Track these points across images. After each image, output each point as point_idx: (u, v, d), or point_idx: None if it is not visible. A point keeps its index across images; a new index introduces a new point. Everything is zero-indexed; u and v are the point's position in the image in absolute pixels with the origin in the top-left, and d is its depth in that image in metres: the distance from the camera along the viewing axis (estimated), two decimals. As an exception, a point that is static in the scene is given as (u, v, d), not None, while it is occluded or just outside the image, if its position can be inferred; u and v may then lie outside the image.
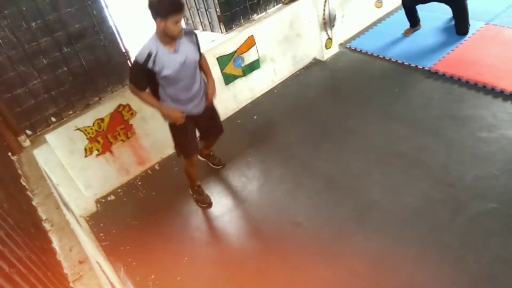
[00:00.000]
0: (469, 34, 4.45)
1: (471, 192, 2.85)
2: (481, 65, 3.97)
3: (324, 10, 4.33)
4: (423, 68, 4.15)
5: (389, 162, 3.25)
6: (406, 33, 4.72)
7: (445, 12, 4.76)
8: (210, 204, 3.27)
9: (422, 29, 4.75)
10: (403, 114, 3.67)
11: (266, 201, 3.23)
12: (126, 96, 3.38)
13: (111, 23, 3.22)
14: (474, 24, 4.54)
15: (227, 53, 3.90)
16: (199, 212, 3.26)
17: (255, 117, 4.13)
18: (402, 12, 5.15)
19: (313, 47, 4.66)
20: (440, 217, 2.74)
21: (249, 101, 4.33)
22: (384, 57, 4.47)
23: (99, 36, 3.18)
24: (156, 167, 3.79)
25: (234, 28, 4.00)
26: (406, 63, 4.28)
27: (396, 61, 4.36)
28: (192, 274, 2.80)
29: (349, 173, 3.25)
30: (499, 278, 2.34)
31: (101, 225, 3.34)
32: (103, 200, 3.56)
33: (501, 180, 2.88)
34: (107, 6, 3.15)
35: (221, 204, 3.27)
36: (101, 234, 3.25)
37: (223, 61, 3.90)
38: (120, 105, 3.37)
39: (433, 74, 4.06)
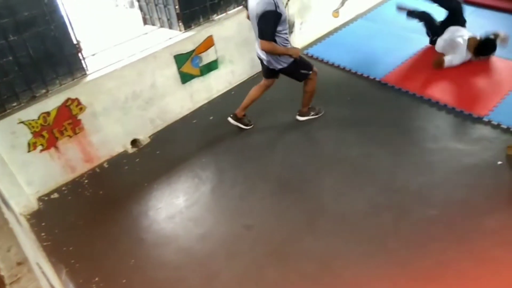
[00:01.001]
0: (418, 49, 4.70)
1: (414, 199, 3.00)
2: (427, 79, 4.21)
3: (283, 15, 4.39)
4: (374, 79, 4.33)
5: (339, 167, 3.35)
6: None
7: (402, 26, 5.01)
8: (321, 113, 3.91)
9: (375, 42, 4.94)
10: (353, 122, 3.81)
11: (218, 203, 3.22)
12: (75, 90, 3.24)
13: (63, 13, 3.06)
14: (423, 40, 4.80)
15: (184, 51, 3.85)
16: (149, 213, 3.18)
17: (211, 117, 4.10)
18: (357, 23, 5.36)
19: (271, 51, 4.71)
20: (385, 221, 2.87)
21: (206, 101, 4.30)
22: (339, 66, 4.61)
23: (49, 26, 3.01)
24: (105, 165, 3.65)
25: (193, 27, 3.95)
26: (359, 73, 4.45)
27: (350, 70, 4.52)
28: (139, 276, 2.72)
29: (301, 177, 3.32)
30: (439, 281, 2.49)
31: (43, 224, 3.16)
32: (46, 198, 3.38)
33: (442, 189, 3.07)
34: (59, -5, 3.00)
35: (172, 205, 3.21)
36: (43, 234, 3.08)
37: (180, 59, 3.84)
38: (68, 99, 3.22)
39: (383, 85, 4.24)
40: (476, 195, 2.99)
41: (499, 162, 3.24)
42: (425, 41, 4.79)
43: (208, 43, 4.00)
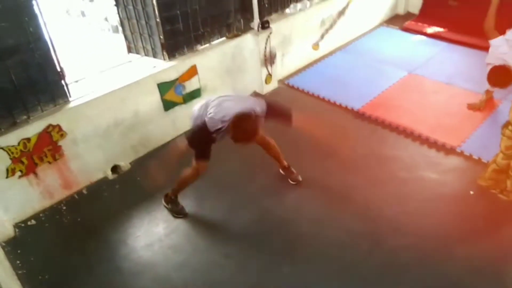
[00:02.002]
0: (394, 81, 4.89)
1: (389, 227, 3.08)
2: (402, 110, 4.37)
3: (265, 47, 4.54)
4: (352, 109, 4.47)
5: (319, 196, 3.42)
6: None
7: (379, 59, 5.23)
8: (186, 215, 3.33)
9: (354, 73, 5.12)
10: (333, 151, 3.90)
11: (197, 231, 3.23)
12: (57, 116, 3.25)
13: (47, 40, 3.11)
14: (399, 73, 5.01)
15: (168, 80, 3.92)
16: (128, 241, 3.16)
17: (193, 145, 4.13)
18: (336, 55, 5.55)
19: (254, 81, 4.83)
20: (360, 250, 2.92)
21: (188, 127, 4.32)
22: (318, 96, 4.75)
23: (33, 53, 3.05)
24: (84, 191, 3.63)
25: (177, 56, 4.04)
26: (338, 103, 4.59)
27: (329, 100, 4.66)
28: (115, 306, 2.69)
29: (281, 205, 3.37)
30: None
31: (19, 251, 3.10)
32: (23, 225, 3.32)
33: (416, 218, 3.16)
34: (45, 24, 3.05)
35: (151, 233, 3.20)
36: (18, 262, 3.02)
37: (164, 87, 3.91)
38: (49, 125, 3.23)
39: (360, 115, 4.38)
40: (448, 224, 3.09)
41: (471, 192, 3.36)
42: (400, 73, 5.00)
43: (192, 72, 4.09)
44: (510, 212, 3.17)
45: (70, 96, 3.40)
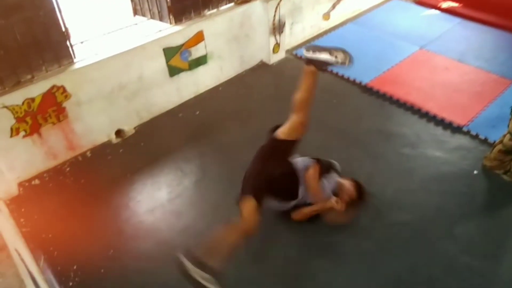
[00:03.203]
0: (405, 56, 4.79)
1: (390, 203, 3.09)
2: (411, 86, 4.30)
3: (274, 15, 4.42)
4: (360, 83, 4.41)
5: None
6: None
7: (391, 33, 5.10)
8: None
9: (363, 47, 5.01)
10: (337, 125, 3.87)
11: (201, 197, 3.25)
12: (61, 77, 3.22)
13: (53, -1, 3.04)
14: (410, 48, 4.90)
15: (174, 45, 3.85)
16: (130, 204, 3.19)
17: (197, 112, 4.12)
18: (347, 27, 5.42)
19: (261, 50, 4.74)
20: (361, 224, 2.94)
21: (193, 95, 4.31)
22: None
23: (38, 12, 2.98)
24: (88, 154, 3.64)
25: (183, 20, 3.95)
26: (346, 77, 4.52)
27: (337, 73, 4.58)
28: (117, 267, 2.74)
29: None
30: (409, 284, 2.58)
31: (23, 210, 3.15)
32: (27, 184, 3.36)
33: (418, 195, 3.17)
34: (50, -20, 2.97)
35: (154, 198, 3.23)
36: (22, 220, 3.07)
37: (169, 52, 3.84)
38: (54, 86, 3.20)
39: (368, 90, 4.32)
40: (449, 203, 3.10)
41: (475, 172, 3.35)
42: (411, 48, 4.89)
43: (198, 38, 4.01)
44: (512, 193, 3.18)
45: (75, 57, 3.36)
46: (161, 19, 3.94)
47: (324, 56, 2.54)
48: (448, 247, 2.78)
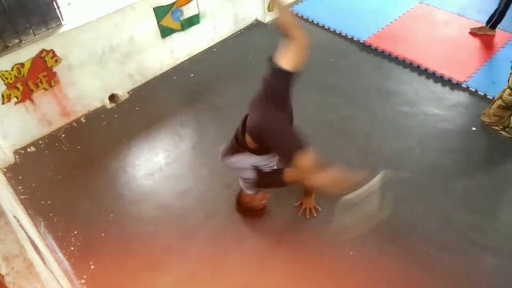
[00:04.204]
0: (404, 11, 4.65)
1: (388, 161, 3.09)
2: (410, 42, 4.20)
3: (269, -30, 4.25)
4: (358, 40, 4.29)
5: (319, 129, 3.37)
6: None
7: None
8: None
9: (362, 2, 4.85)
10: (335, 85, 3.81)
11: (198, 161, 3.24)
12: (50, 41, 3.12)
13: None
14: (409, 1, 4.75)
15: (165, 4, 3.70)
16: (128, 169, 3.18)
17: (192, 75, 4.03)
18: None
19: (256, 8, 4.59)
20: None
21: (187, 57, 4.21)
22: (323, 26, 4.54)
23: (20, -29, 2.84)
24: (82, 119, 3.59)
25: (174, -22, 3.79)
26: (343, 34, 4.39)
27: (334, 31, 4.45)
28: (118, 231, 2.77)
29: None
30: (405, 239, 2.63)
31: (20, 177, 3.14)
32: (23, 152, 3.33)
33: (415, 152, 3.16)
34: None
35: (151, 162, 3.22)
36: (20, 187, 3.07)
37: (160, 12, 3.70)
38: (43, 50, 3.10)
39: (366, 47, 4.22)
40: (447, 160, 3.10)
41: (474, 128, 3.34)
42: (410, 2, 4.74)
43: (190, -4, 3.86)
44: (511, 148, 3.17)
45: (62, 20, 3.23)
46: (150, -24, 3.77)
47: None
48: (446, 203, 2.81)
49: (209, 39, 4.33)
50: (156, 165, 3.20)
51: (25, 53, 3.04)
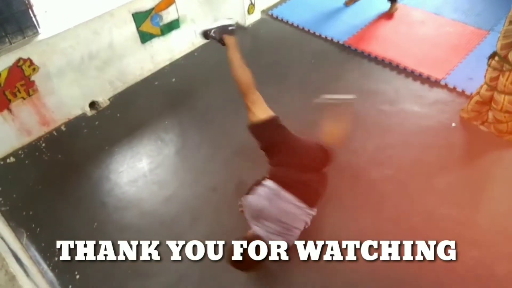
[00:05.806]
0: (380, 11, 4.72)
1: (370, 159, 3.12)
2: (388, 42, 4.26)
3: (247, -27, 4.27)
4: (338, 41, 4.34)
5: (301, 131, 3.39)
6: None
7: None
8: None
9: (339, 4, 4.90)
10: (317, 85, 3.83)
11: (182, 166, 3.23)
12: (27, 49, 3.07)
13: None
14: (386, 3, 4.81)
15: (144, 9, 3.68)
16: (111, 176, 3.15)
17: (174, 79, 4.01)
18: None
19: (235, 11, 4.59)
20: (343, 181, 2.98)
21: (168, 62, 4.19)
22: (303, 28, 4.58)
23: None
24: (62, 128, 3.54)
25: (152, -17, 3.77)
26: (323, 36, 4.44)
27: (314, 33, 4.49)
28: (102, 239, 2.72)
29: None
30: (391, 235, 2.65)
31: (0, 189, 3.07)
32: (1, 162, 3.26)
33: (397, 150, 3.20)
34: None
35: (135, 169, 3.19)
36: (0, 199, 3.00)
37: (139, 18, 3.68)
38: (20, 59, 3.05)
39: (346, 48, 4.27)
40: (429, 156, 3.15)
41: (453, 124, 3.40)
42: (388, 3, 4.81)
43: (169, 0, 3.85)
44: (490, 143, 3.24)
45: (39, 28, 3.19)
46: (128, -18, 3.74)
47: (221, 23, 3.04)
48: (428, 199, 2.85)
49: (190, 43, 4.32)
50: (139, 171, 3.17)
51: (1, 63, 2.98)
